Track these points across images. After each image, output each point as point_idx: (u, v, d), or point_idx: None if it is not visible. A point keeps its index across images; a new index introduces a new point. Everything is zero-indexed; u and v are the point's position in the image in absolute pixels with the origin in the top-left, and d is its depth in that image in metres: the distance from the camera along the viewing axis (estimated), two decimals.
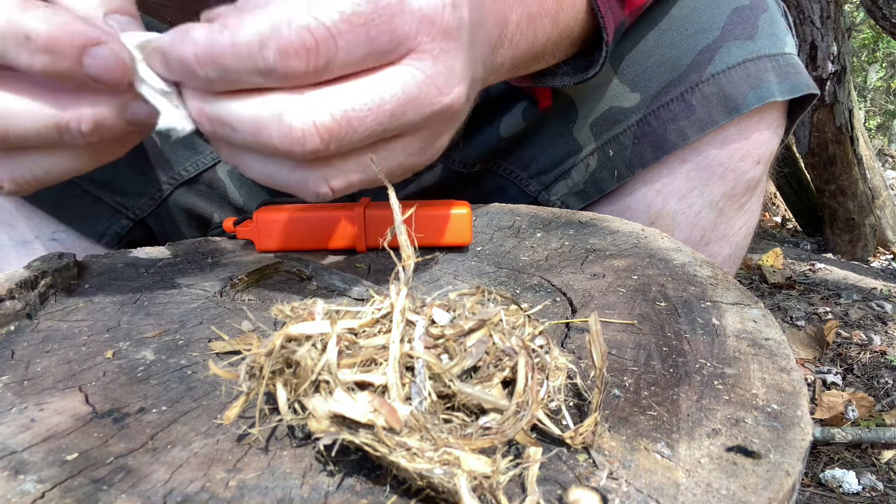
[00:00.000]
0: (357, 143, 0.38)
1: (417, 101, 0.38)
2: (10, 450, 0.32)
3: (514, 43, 0.53)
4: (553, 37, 0.59)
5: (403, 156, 0.41)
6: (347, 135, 0.37)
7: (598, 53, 0.63)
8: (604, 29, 0.61)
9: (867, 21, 7.05)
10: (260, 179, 0.42)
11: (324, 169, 0.40)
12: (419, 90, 0.38)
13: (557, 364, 0.36)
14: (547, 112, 0.76)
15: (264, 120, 0.37)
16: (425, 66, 0.38)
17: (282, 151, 0.37)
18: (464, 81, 0.40)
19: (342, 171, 0.40)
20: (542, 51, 0.59)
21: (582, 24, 0.62)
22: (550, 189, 0.79)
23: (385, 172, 0.41)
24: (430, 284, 0.53)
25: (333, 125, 0.37)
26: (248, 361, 0.33)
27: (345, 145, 0.38)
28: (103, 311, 0.47)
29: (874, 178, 3.03)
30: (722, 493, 0.29)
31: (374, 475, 0.31)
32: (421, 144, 0.41)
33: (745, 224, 0.80)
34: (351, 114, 0.37)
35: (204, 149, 0.79)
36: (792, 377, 0.39)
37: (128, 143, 0.42)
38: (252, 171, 0.41)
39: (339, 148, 0.38)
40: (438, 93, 0.39)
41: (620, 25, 0.64)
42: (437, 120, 0.40)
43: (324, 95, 0.37)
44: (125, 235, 0.76)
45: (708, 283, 0.51)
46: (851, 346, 1.85)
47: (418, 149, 0.42)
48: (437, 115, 0.40)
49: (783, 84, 0.71)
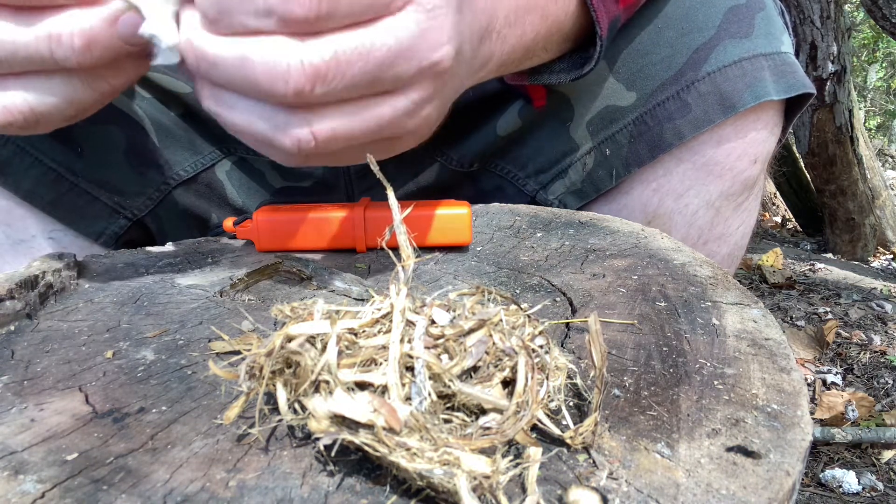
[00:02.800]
0: (344, 90, 0.38)
1: (409, 53, 0.38)
2: (10, 450, 0.32)
3: (502, 36, 0.53)
4: (542, 31, 0.59)
5: (390, 114, 0.41)
6: (335, 78, 0.37)
7: (593, 49, 0.63)
8: (597, 23, 0.61)
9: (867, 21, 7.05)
10: (239, 127, 0.41)
11: (307, 114, 0.39)
12: (411, 42, 0.38)
13: (557, 364, 0.36)
14: (543, 111, 0.76)
15: (251, 55, 0.36)
16: (419, 19, 0.38)
17: (264, 89, 0.36)
18: (453, 41, 0.41)
19: (327, 118, 0.39)
20: (532, 46, 0.59)
21: (574, 19, 0.62)
22: (548, 188, 0.79)
23: (371, 130, 0.40)
24: (430, 284, 0.53)
25: (321, 65, 0.36)
26: (248, 361, 0.33)
27: (332, 91, 0.37)
28: (103, 311, 0.47)
29: (874, 178, 3.03)
30: (722, 493, 0.29)
31: (374, 475, 0.31)
32: (408, 105, 0.41)
33: (743, 223, 0.80)
34: (341, 56, 0.36)
35: (203, 149, 0.79)
36: (792, 377, 0.39)
37: (121, 72, 0.42)
38: (231, 116, 0.40)
39: (325, 93, 0.37)
40: (429, 48, 0.39)
41: (615, 20, 0.64)
42: (426, 78, 0.40)
43: (317, 38, 0.37)
44: (123, 235, 0.76)
45: (708, 283, 0.51)
46: (851, 346, 1.85)
47: (405, 109, 0.41)
48: (425, 71, 0.40)
49: (779, 83, 0.71)
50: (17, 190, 0.69)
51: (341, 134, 0.40)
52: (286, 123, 0.39)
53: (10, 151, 0.68)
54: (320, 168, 0.81)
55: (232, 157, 0.80)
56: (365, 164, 0.81)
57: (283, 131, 0.39)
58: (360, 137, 0.41)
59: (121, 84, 0.42)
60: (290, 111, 0.39)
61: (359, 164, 0.80)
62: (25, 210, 0.71)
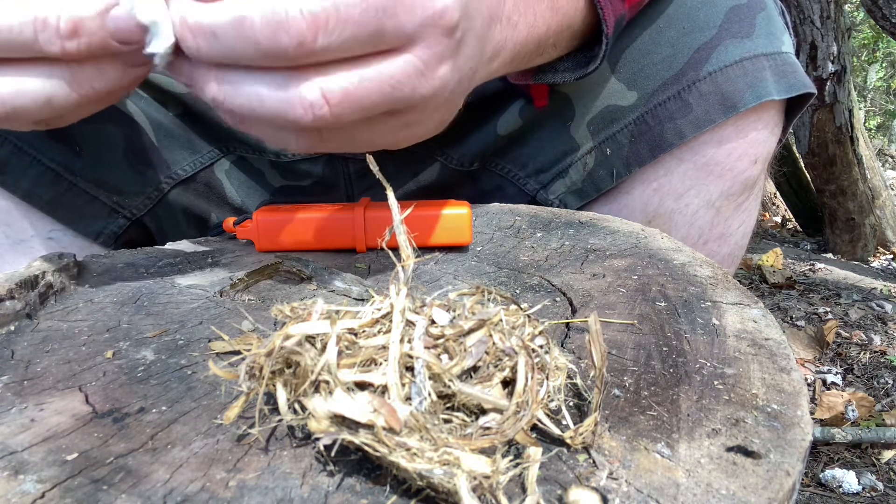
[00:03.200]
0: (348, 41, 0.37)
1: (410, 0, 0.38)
2: (10, 450, 0.32)
3: (513, 22, 0.52)
4: (553, 25, 0.58)
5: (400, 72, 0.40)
6: (337, 26, 0.36)
7: (598, 47, 0.63)
8: (603, 21, 0.61)
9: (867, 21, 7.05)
10: (247, 108, 0.39)
11: (315, 75, 0.38)
12: None
13: (557, 364, 0.36)
14: (544, 111, 0.76)
15: (247, 13, 0.36)
16: None
17: (266, 46, 0.36)
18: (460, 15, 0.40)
19: (336, 77, 0.38)
20: (544, 39, 0.59)
21: (581, 16, 0.62)
22: (548, 188, 0.79)
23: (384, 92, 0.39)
24: (430, 284, 0.53)
25: (321, 13, 0.36)
26: (248, 361, 0.33)
27: (334, 42, 0.36)
28: (103, 311, 0.47)
29: (874, 178, 3.03)
30: (722, 493, 0.29)
31: (374, 475, 0.31)
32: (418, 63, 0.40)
33: (744, 223, 0.80)
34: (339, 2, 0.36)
35: (201, 148, 0.79)
36: (792, 377, 0.39)
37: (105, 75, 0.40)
38: (237, 98, 0.39)
39: (328, 44, 0.36)
40: None
41: (620, 18, 0.64)
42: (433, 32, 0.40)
43: None
44: (122, 235, 0.76)
45: (708, 283, 0.51)
46: (851, 346, 1.85)
47: (415, 68, 0.40)
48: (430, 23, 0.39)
49: (780, 83, 0.71)
50: (15, 190, 0.70)
51: (353, 96, 0.39)
52: (295, 89, 0.38)
53: (8, 151, 0.68)
54: (320, 167, 0.81)
55: (231, 156, 0.80)
56: (365, 163, 0.81)
57: (293, 98, 0.38)
58: (374, 102, 0.39)
59: (103, 89, 0.41)
60: (298, 74, 0.38)
61: (359, 164, 0.81)
62: (24, 210, 0.71)
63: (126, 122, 0.73)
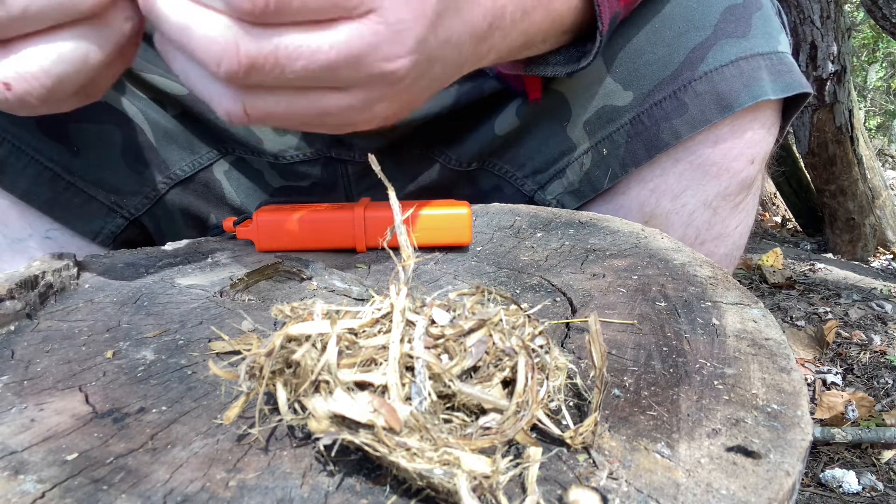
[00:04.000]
0: (285, 81, 0.37)
1: (357, 61, 0.38)
2: (10, 450, 0.32)
3: (506, 33, 0.53)
4: (545, 26, 0.59)
5: (334, 107, 0.40)
6: (272, 71, 0.36)
7: (591, 44, 0.63)
8: (599, 18, 0.61)
9: (867, 21, 7.06)
10: (184, 81, 0.41)
11: (243, 93, 0.39)
12: (362, 51, 0.38)
13: (557, 364, 0.36)
14: (540, 110, 0.76)
15: (192, 25, 0.36)
16: (378, 31, 0.38)
17: (199, 60, 0.37)
18: (413, 55, 0.40)
19: (262, 100, 0.39)
20: (533, 38, 0.59)
21: (575, 13, 0.62)
22: (546, 188, 0.79)
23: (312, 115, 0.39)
24: (430, 284, 0.53)
25: (258, 57, 0.36)
26: (248, 361, 0.33)
27: (267, 80, 0.37)
28: (103, 311, 0.47)
29: (874, 178, 3.03)
30: (722, 493, 0.29)
31: (374, 475, 0.31)
32: (354, 103, 0.41)
33: (741, 223, 0.80)
34: (281, 52, 0.36)
35: (200, 149, 0.79)
36: (792, 377, 0.39)
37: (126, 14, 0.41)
38: (177, 67, 0.40)
39: (261, 80, 0.37)
40: (383, 58, 0.39)
41: (615, 16, 0.64)
42: (376, 83, 0.40)
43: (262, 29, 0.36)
44: (120, 234, 0.76)
45: (708, 283, 0.51)
46: (851, 346, 1.85)
47: (350, 106, 0.41)
48: (375, 78, 0.39)
49: (776, 83, 0.71)
50: (13, 189, 0.70)
51: (277, 115, 0.40)
52: (220, 95, 0.39)
53: (6, 151, 0.68)
54: (318, 168, 0.81)
55: (230, 156, 0.80)
56: (364, 164, 0.81)
57: (217, 100, 0.39)
58: (301, 120, 0.40)
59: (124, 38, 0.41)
60: (226, 84, 0.39)
61: (358, 166, 0.81)
62: (22, 209, 0.71)
63: (124, 122, 0.73)
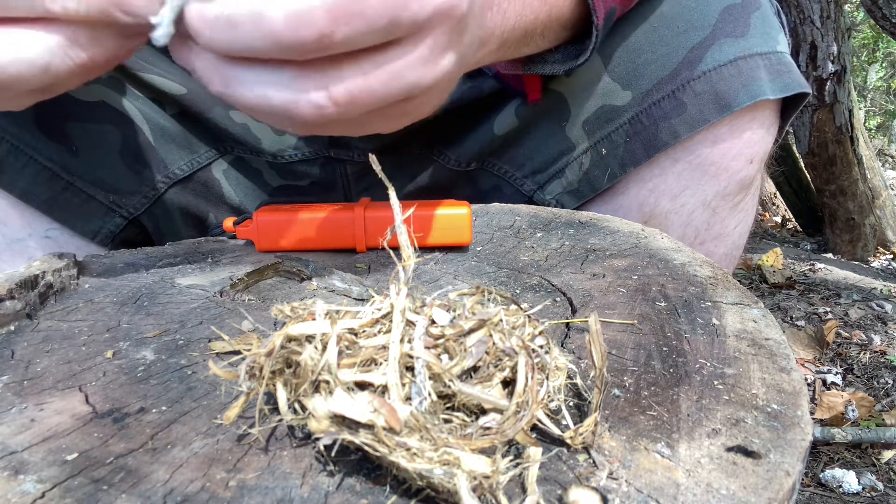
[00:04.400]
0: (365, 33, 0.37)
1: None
2: (10, 450, 0.32)
3: (503, 10, 0.53)
4: (542, 15, 0.58)
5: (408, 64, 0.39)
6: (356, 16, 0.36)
7: (588, 41, 0.63)
8: (593, 12, 0.61)
9: (867, 21, 7.05)
10: (252, 103, 0.39)
11: (324, 76, 0.38)
12: None
13: (557, 364, 0.36)
14: (539, 110, 0.76)
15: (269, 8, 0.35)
16: None
17: (286, 39, 0.35)
18: None
19: (345, 77, 0.38)
20: (532, 29, 0.59)
21: (572, 8, 0.62)
22: (545, 188, 0.79)
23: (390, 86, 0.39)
24: (430, 284, 0.53)
25: (341, 5, 0.35)
26: (248, 361, 0.33)
27: (353, 34, 0.36)
28: (103, 311, 0.47)
29: (874, 178, 3.03)
30: (722, 493, 0.29)
31: (374, 475, 0.31)
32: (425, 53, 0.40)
33: (741, 223, 0.80)
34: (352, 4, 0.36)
35: (199, 148, 0.78)
36: (792, 377, 0.39)
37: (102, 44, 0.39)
38: (243, 92, 0.39)
39: (346, 37, 0.36)
40: None
41: (611, 12, 0.64)
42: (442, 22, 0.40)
43: None
44: (119, 234, 0.76)
45: (708, 283, 0.51)
46: (851, 346, 1.85)
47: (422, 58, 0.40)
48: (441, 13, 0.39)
49: (775, 82, 0.71)
50: (12, 189, 0.70)
51: (360, 95, 0.39)
52: (303, 89, 0.38)
53: (5, 150, 0.68)
54: (317, 168, 0.81)
55: (228, 156, 0.80)
56: (363, 163, 0.81)
57: (300, 99, 0.38)
58: (380, 97, 0.39)
59: (99, 58, 0.40)
60: (306, 75, 0.38)
61: (356, 165, 0.81)
62: (21, 209, 0.71)
63: (123, 122, 0.73)
